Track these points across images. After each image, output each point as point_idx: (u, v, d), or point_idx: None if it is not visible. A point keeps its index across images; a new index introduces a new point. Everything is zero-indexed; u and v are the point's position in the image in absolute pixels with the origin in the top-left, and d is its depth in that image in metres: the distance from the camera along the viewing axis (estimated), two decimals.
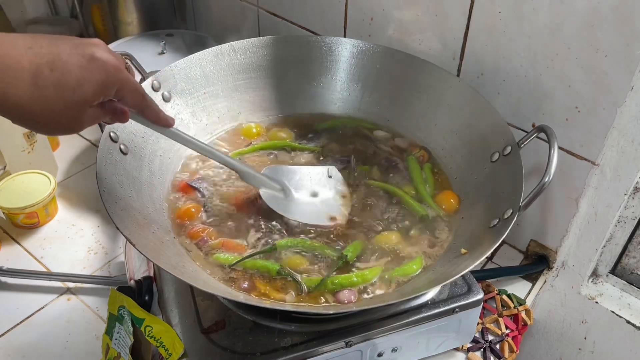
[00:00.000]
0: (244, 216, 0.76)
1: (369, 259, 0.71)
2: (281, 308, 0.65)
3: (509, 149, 0.73)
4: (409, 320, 0.69)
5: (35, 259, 0.95)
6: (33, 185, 0.99)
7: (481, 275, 0.90)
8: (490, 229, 0.68)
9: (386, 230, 0.75)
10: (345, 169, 0.83)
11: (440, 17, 0.87)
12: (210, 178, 0.81)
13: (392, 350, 0.71)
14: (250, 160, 0.84)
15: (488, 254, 0.62)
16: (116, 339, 0.72)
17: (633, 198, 0.83)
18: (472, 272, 0.70)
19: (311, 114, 0.92)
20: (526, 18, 0.77)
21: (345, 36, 1.03)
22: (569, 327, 0.98)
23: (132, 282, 0.75)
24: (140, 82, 0.79)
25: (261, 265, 0.69)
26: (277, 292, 0.67)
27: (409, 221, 0.77)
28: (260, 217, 0.75)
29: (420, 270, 0.70)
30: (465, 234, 0.73)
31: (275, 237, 0.73)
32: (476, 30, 0.84)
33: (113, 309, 0.73)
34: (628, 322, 0.89)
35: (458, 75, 0.90)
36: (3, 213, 1.00)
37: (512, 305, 0.88)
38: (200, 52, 0.86)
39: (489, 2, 0.80)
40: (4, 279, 0.92)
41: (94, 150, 1.15)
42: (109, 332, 0.74)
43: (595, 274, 0.94)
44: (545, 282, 0.95)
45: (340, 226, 0.75)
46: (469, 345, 0.81)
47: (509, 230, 0.64)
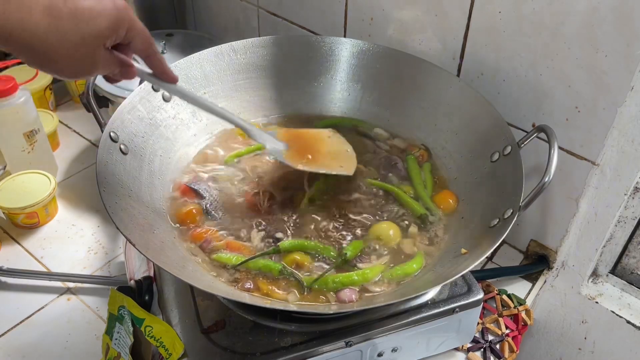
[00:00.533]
0: (245, 217, 0.76)
1: (369, 258, 0.71)
2: (281, 308, 0.65)
3: (509, 149, 0.73)
4: (409, 320, 0.69)
5: (35, 259, 0.95)
6: (33, 185, 0.99)
7: (481, 275, 0.90)
8: (490, 229, 0.68)
9: (383, 222, 0.75)
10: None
11: (440, 17, 0.87)
12: (210, 179, 0.81)
13: (392, 350, 0.71)
14: (250, 160, 0.85)
15: (488, 254, 0.62)
16: (116, 339, 0.72)
17: (633, 198, 0.83)
18: (472, 272, 0.70)
19: (311, 114, 0.92)
20: (526, 18, 0.77)
21: (345, 36, 1.03)
22: (569, 327, 0.98)
23: (132, 282, 0.75)
24: (140, 83, 0.79)
25: (263, 265, 0.69)
26: (279, 292, 0.67)
27: (408, 220, 0.77)
28: (262, 217, 0.75)
29: (420, 270, 0.70)
30: (465, 234, 0.73)
31: (278, 235, 0.73)
32: (476, 30, 0.84)
33: (113, 309, 0.73)
34: (628, 322, 0.89)
35: (458, 75, 0.90)
36: (3, 213, 1.00)
37: (512, 305, 0.88)
38: (200, 52, 0.86)
39: (489, 2, 0.80)
40: (4, 279, 0.92)
41: (94, 150, 1.15)
42: (109, 332, 0.74)
43: (595, 274, 0.94)
44: (545, 282, 0.95)
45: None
46: (469, 345, 0.81)
47: (509, 230, 0.64)
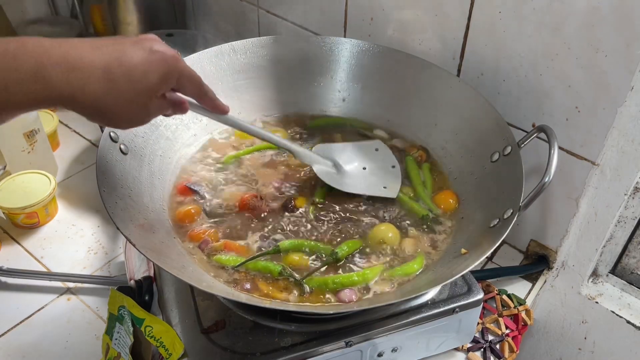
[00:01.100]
0: (244, 217, 0.76)
1: (369, 258, 0.71)
2: (281, 308, 0.65)
3: (509, 149, 0.73)
4: (409, 320, 0.69)
5: (35, 259, 0.95)
6: (33, 185, 0.99)
7: (481, 275, 0.90)
8: (490, 229, 0.68)
9: (383, 223, 0.75)
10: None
11: (440, 17, 0.87)
12: (209, 180, 0.81)
13: (392, 350, 0.71)
14: (249, 161, 0.85)
15: (488, 254, 0.62)
16: (116, 339, 0.72)
17: (633, 198, 0.83)
18: (472, 272, 0.70)
19: (311, 114, 0.92)
20: (526, 18, 0.77)
21: (345, 36, 1.03)
22: (569, 327, 0.98)
23: (132, 282, 0.75)
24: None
25: (263, 266, 0.69)
26: (279, 292, 0.67)
27: (409, 221, 0.77)
28: (261, 218, 0.75)
29: (420, 270, 0.70)
30: (465, 234, 0.73)
31: (277, 237, 0.73)
32: (476, 30, 0.84)
33: (113, 309, 0.73)
34: (628, 322, 0.89)
35: (458, 75, 0.90)
36: (3, 213, 1.00)
37: (512, 305, 0.88)
38: (200, 52, 0.86)
39: (489, 2, 0.80)
40: (4, 279, 0.91)
41: (94, 150, 1.15)
42: (109, 332, 0.74)
43: (595, 274, 0.94)
44: (545, 282, 0.95)
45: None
46: (469, 345, 0.81)
47: (509, 230, 0.64)
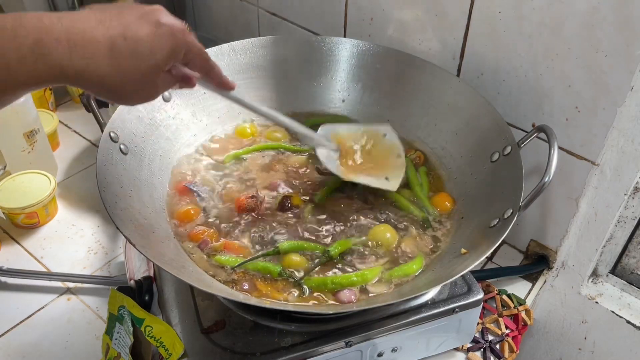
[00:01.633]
0: (244, 217, 0.76)
1: (369, 259, 0.71)
2: (281, 308, 0.65)
3: (509, 149, 0.73)
4: (409, 320, 0.69)
5: (35, 259, 0.95)
6: (33, 185, 0.99)
7: (481, 275, 0.90)
8: (490, 229, 0.68)
9: (381, 225, 0.75)
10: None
11: (440, 17, 0.87)
12: (208, 180, 0.81)
13: (392, 350, 0.71)
14: (248, 161, 0.84)
15: (488, 254, 0.62)
16: (116, 339, 0.72)
17: (633, 198, 0.83)
18: (472, 272, 0.70)
19: (311, 114, 0.92)
20: (526, 18, 0.77)
21: (345, 36, 1.03)
22: (569, 327, 0.98)
23: (132, 282, 0.75)
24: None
25: (262, 267, 0.69)
26: (279, 292, 0.67)
27: (408, 222, 0.77)
28: (260, 218, 0.75)
29: (420, 270, 0.70)
30: (465, 234, 0.73)
31: (277, 237, 0.73)
32: (476, 30, 0.84)
33: (113, 309, 0.73)
34: (628, 322, 0.89)
35: (458, 75, 0.90)
36: (3, 213, 1.00)
37: (512, 305, 0.88)
38: None
39: (489, 2, 0.80)
40: (4, 279, 0.91)
41: (94, 150, 1.15)
42: (109, 332, 0.74)
43: (595, 274, 0.94)
44: (545, 282, 0.95)
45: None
46: (469, 345, 0.81)
47: (509, 230, 0.64)
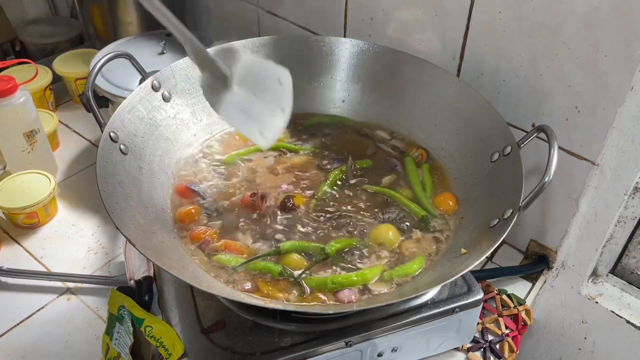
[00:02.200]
0: (245, 217, 0.76)
1: (369, 258, 0.71)
2: (281, 308, 0.65)
3: (509, 149, 0.73)
4: (409, 320, 0.69)
5: (35, 259, 0.95)
6: (33, 185, 0.99)
7: (481, 275, 0.90)
8: (490, 229, 0.68)
9: (382, 225, 0.75)
10: (342, 167, 0.83)
11: (440, 17, 0.87)
12: (209, 180, 0.81)
13: (392, 350, 0.71)
14: (249, 161, 0.84)
15: (488, 254, 0.62)
16: (116, 339, 0.72)
17: (633, 198, 0.83)
18: (472, 272, 0.70)
19: (311, 114, 0.92)
20: (526, 18, 0.77)
21: (345, 36, 1.03)
22: (569, 327, 0.98)
23: (132, 282, 0.75)
24: (140, 83, 0.79)
25: (263, 267, 0.69)
26: (279, 292, 0.67)
27: (408, 222, 0.77)
28: (261, 218, 0.75)
29: (420, 270, 0.70)
30: (465, 234, 0.73)
31: (277, 236, 0.73)
32: (476, 30, 0.84)
33: (113, 309, 0.73)
34: (628, 322, 0.89)
35: (458, 75, 0.90)
36: (3, 213, 1.00)
37: (512, 305, 0.88)
38: None
39: (489, 2, 0.80)
40: (4, 279, 0.91)
41: (94, 150, 1.15)
42: (109, 332, 0.74)
43: (595, 274, 0.94)
44: (545, 282, 0.95)
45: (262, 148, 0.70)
46: (469, 345, 0.81)
47: (509, 230, 0.64)
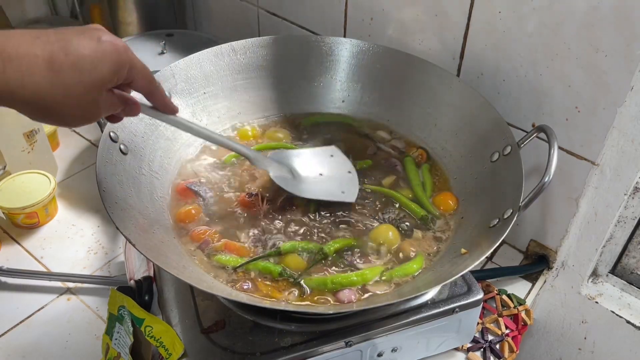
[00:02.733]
0: (244, 217, 0.76)
1: (369, 258, 0.71)
2: (281, 308, 0.65)
3: (509, 149, 0.73)
4: (409, 320, 0.69)
5: (35, 259, 0.95)
6: (33, 185, 0.99)
7: (481, 275, 0.90)
8: (490, 229, 0.68)
9: (383, 225, 0.75)
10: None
11: (440, 17, 0.87)
12: (209, 180, 0.81)
13: (392, 350, 0.71)
14: (247, 161, 0.84)
15: (488, 254, 0.62)
16: (116, 339, 0.72)
17: (633, 198, 0.83)
18: (472, 272, 0.70)
19: (311, 114, 0.92)
20: (526, 18, 0.77)
21: (345, 36, 1.03)
22: (569, 327, 0.98)
23: (132, 282, 0.75)
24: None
25: (263, 267, 0.69)
26: (279, 292, 0.67)
27: (408, 222, 0.77)
28: (261, 218, 0.75)
29: (420, 270, 0.70)
30: (465, 234, 0.73)
31: (277, 236, 0.73)
32: (476, 30, 0.84)
33: (113, 309, 0.73)
34: (628, 322, 0.89)
35: (458, 75, 0.90)
36: (3, 213, 1.00)
37: (512, 305, 0.88)
38: (200, 52, 0.86)
39: (489, 2, 0.80)
40: (4, 279, 0.91)
41: (94, 150, 1.15)
42: (109, 332, 0.74)
43: (595, 274, 0.94)
44: (545, 282, 0.95)
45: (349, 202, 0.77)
46: (469, 345, 0.81)
47: (509, 230, 0.64)
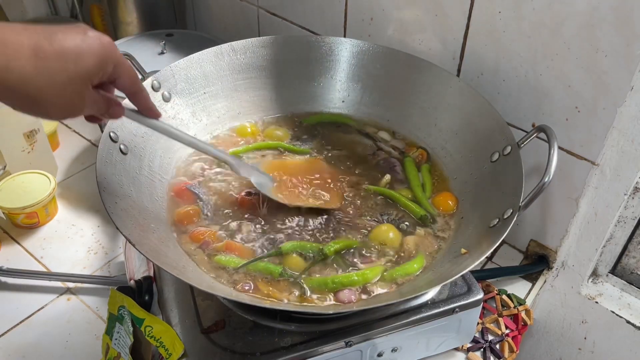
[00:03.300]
0: (244, 217, 0.76)
1: (369, 258, 0.71)
2: (281, 308, 0.65)
3: (509, 149, 0.73)
4: (409, 320, 0.69)
5: (35, 259, 0.95)
6: (33, 185, 0.99)
7: (481, 275, 0.90)
8: (490, 229, 0.68)
9: (383, 225, 0.75)
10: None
11: (440, 17, 0.87)
12: (209, 180, 0.81)
13: (392, 350, 0.71)
14: (248, 160, 0.84)
15: (488, 254, 0.62)
16: (116, 339, 0.72)
17: (633, 198, 0.83)
18: (472, 272, 0.70)
19: (311, 114, 0.92)
20: (526, 18, 0.77)
21: (345, 36, 1.03)
22: (569, 327, 0.98)
23: (132, 282, 0.75)
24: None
25: (263, 267, 0.69)
26: (280, 293, 0.66)
27: (408, 222, 0.77)
28: (261, 218, 0.75)
29: (420, 270, 0.70)
30: (465, 234, 0.73)
31: (277, 236, 0.73)
32: (476, 30, 0.84)
33: (113, 309, 0.73)
34: (628, 322, 0.89)
35: (458, 75, 0.90)
36: (3, 213, 1.00)
37: (512, 305, 0.88)
38: (200, 52, 0.86)
39: (489, 2, 0.80)
40: (4, 279, 0.91)
41: (94, 150, 1.15)
42: (109, 332, 0.74)
43: (595, 274, 0.94)
44: (545, 282, 0.95)
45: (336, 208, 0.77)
46: (469, 345, 0.81)
47: (509, 230, 0.64)
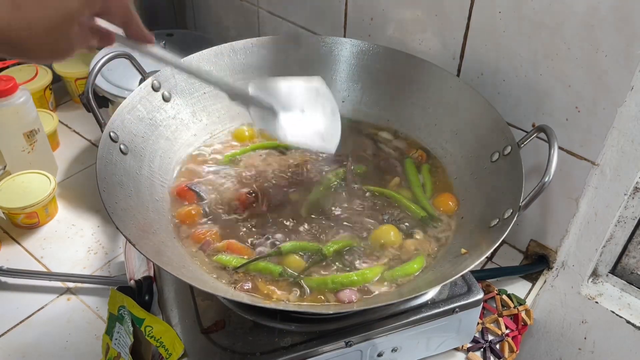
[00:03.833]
0: (244, 217, 0.76)
1: (369, 258, 0.71)
2: (281, 308, 0.65)
3: (509, 149, 0.73)
4: (409, 320, 0.69)
5: (35, 259, 0.95)
6: (33, 185, 0.99)
7: (481, 275, 0.90)
8: (490, 229, 0.68)
9: (384, 225, 0.75)
10: (341, 168, 0.83)
11: (440, 17, 0.87)
12: (209, 180, 0.81)
13: (392, 350, 0.71)
14: (248, 160, 0.84)
15: (488, 254, 0.62)
16: (116, 339, 0.72)
17: (633, 198, 0.83)
18: (472, 272, 0.70)
19: None
20: (526, 18, 0.77)
21: (345, 36, 1.03)
22: (569, 327, 0.98)
23: (132, 282, 0.75)
24: (140, 83, 0.79)
25: (263, 267, 0.69)
26: (280, 293, 0.66)
27: (408, 222, 0.76)
28: (261, 218, 0.75)
29: (420, 270, 0.70)
30: (465, 234, 0.73)
31: (277, 236, 0.73)
32: (476, 30, 0.84)
33: (113, 309, 0.73)
34: (628, 322, 0.89)
35: (458, 75, 0.90)
36: (3, 213, 1.00)
37: (512, 305, 0.88)
38: (200, 52, 0.86)
39: (489, 2, 0.80)
40: (4, 279, 0.91)
41: (94, 150, 1.15)
42: (109, 332, 0.74)
43: (595, 274, 0.94)
44: (545, 282, 0.95)
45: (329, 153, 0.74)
46: (469, 345, 0.81)
47: (509, 230, 0.64)
